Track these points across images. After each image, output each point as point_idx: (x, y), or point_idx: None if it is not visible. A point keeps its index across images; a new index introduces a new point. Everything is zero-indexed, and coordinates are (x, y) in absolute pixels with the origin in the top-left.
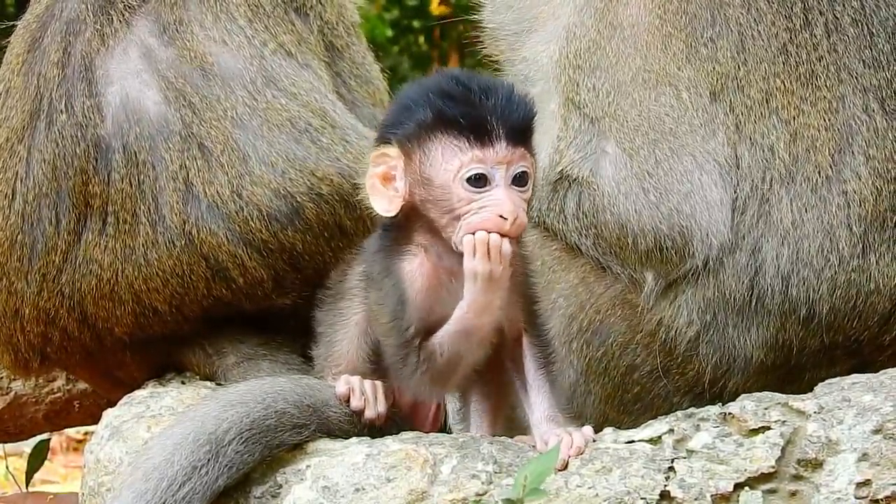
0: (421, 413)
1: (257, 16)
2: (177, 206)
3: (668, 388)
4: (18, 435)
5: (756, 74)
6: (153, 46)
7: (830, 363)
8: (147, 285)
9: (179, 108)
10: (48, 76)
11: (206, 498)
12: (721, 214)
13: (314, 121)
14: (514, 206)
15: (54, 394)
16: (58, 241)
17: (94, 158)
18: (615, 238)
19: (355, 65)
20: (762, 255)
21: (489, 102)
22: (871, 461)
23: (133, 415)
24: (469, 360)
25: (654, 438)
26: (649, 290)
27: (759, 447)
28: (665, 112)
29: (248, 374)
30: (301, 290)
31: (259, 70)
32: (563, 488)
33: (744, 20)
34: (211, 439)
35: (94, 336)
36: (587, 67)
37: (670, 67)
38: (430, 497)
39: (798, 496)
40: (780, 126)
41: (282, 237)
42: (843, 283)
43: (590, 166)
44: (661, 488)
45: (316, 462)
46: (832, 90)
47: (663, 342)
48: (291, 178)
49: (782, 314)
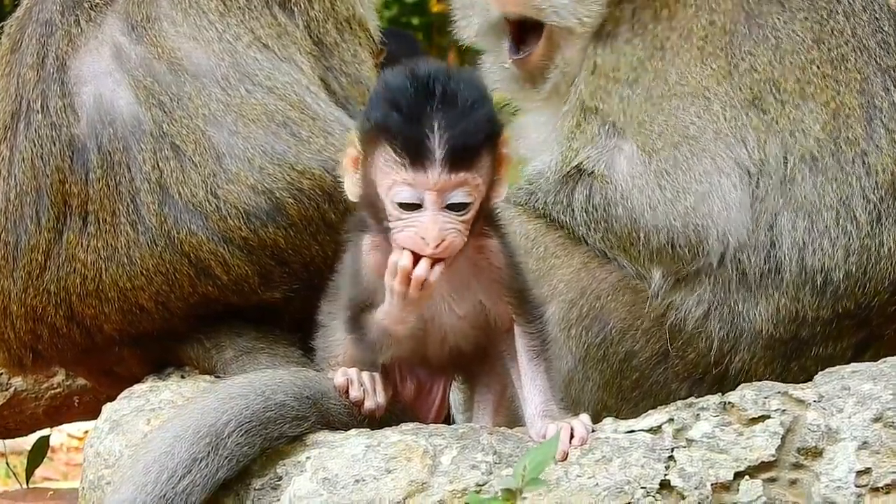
0: (424, 404)
1: (230, 10)
2: (154, 206)
3: (667, 374)
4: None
5: (792, 68)
6: (123, 45)
7: (838, 336)
8: (132, 283)
9: (150, 107)
10: (26, 77)
11: (207, 490)
12: (741, 215)
13: (293, 114)
14: (440, 232)
15: (54, 389)
16: (39, 240)
17: (69, 158)
18: (626, 233)
19: (345, 62)
20: (778, 228)
21: (437, 121)
22: (871, 449)
23: (133, 408)
24: (399, 342)
25: (654, 428)
26: (657, 286)
27: (759, 436)
28: (691, 120)
29: (246, 367)
30: (290, 284)
31: (232, 65)
32: (563, 478)
33: (780, 23)
34: (211, 432)
35: (83, 333)
36: (625, 81)
37: (708, 83)
38: (430, 488)
39: (798, 485)
40: (816, 109)
41: (263, 234)
42: (857, 248)
43: (605, 162)
44: (661, 478)
45: (316, 454)
46: (861, 71)
47: (672, 324)
48: (270, 174)
49: (797, 284)
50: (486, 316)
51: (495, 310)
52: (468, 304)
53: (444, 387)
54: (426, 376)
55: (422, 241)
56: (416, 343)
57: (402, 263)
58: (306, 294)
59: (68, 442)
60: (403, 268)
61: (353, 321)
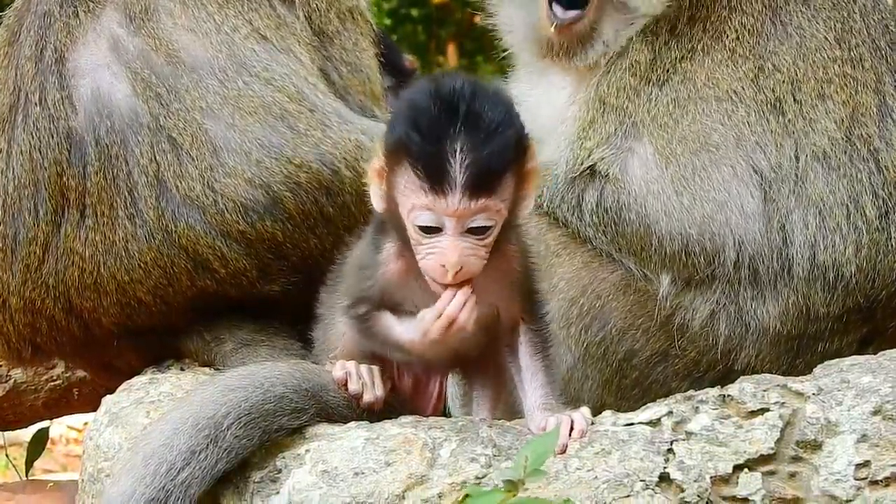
0: (422, 398)
1: (229, 1)
2: (151, 200)
3: (667, 373)
4: (18, 423)
5: (814, 68)
6: (121, 37)
7: (844, 331)
8: (130, 277)
9: (147, 100)
10: (24, 70)
11: (206, 483)
12: (757, 223)
13: (291, 106)
14: (459, 258)
15: (53, 381)
16: (38, 232)
17: (67, 151)
18: (637, 238)
19: (346, 51)
20: (791, 226)
21: (459, 145)
22: (871, 442)
23: (132, 401)
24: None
25: (654, 421)
26: (665, 290)
27: (759, 429)
28: (714, 127)
29: (246, 359)
30: (289, 277)
31: (229, 57)
32: (563, 471)
33: (805, 21)
34: (210, 424)
35: (82, 326)
36: (656, 81)
37: (736, 86)
38: (429, 480)
39: (797, 478)
40: (833, 108)
41: (260, 228)
42: (867, 243)
43: (619, 164)
44: (660, 470)
45: (315, 446)
46: (876, 70)
47: (678, 324)
48: (267, 167)
49: (808, 280)
50: (495, 317)
51: (507, 311)
52: (482, 308)
53: (440, 381)
54: (423, 371)
55: (442, 268)
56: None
57: (440, 325)
58: (305, 287)
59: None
60: (443, 325)
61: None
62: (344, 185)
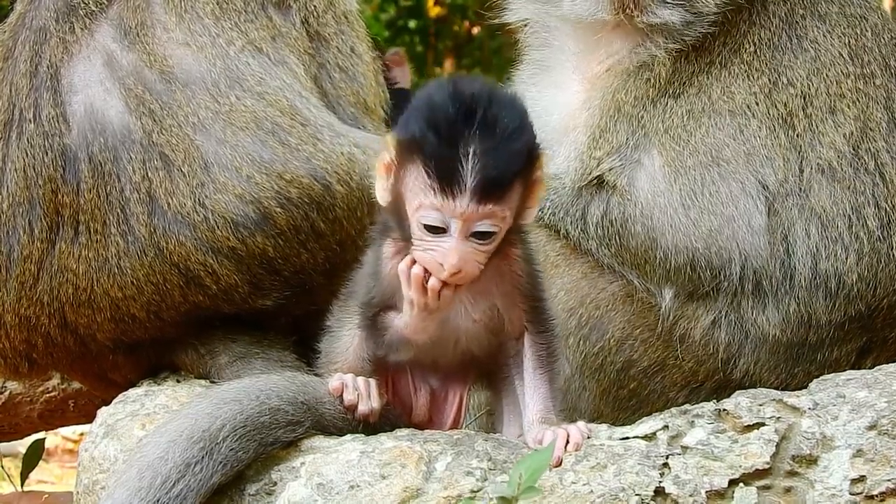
0: (440, 413)
1: (226, 13)
2: (143, 217)
3: (665, 383)
4: (13, 434)
5: (827, 82)
6: (115, 52)
7: (844, 339)
8: (123, 293)
9: (140, 116)
10: (18, 86)
11: (201, 495)
12: (763, 238)
13: (282, 120)
14: (459, 261)
15: (49, 393)
16: (32, 250)
17: (61, 168)
18: (642, 251)
19: (341, 55)
20: (793, 237)
21: (473, 148)
22: (866, 457)
23: (128, 413)
24: (417, 346)
25: (649, 435)
26: (668, 303)
27: (754, 443)
28: (726, 141)
29: (241, 372)
30: (282, 291)
31: (223, 71)
32: (558, 485)
33: (820, 36)
34: (205, 436)
35: (77, 341)
36: (672, 92)
37: (750, 100)
38: (424, 494)
39: (793, 492)
40: (843, 122)
41: (251, 244)
42: (868, 252)
43: (627, 176)
44: (655, 485)
45: (310, 459)
46: (886, 87)
47: (679, 335)
48: (257, 183)
49: (810, 289)
50: (499, 321)
51: (509, 315)
52: (483, 308)
53: (460, 394)
54: (439, 384)
55: (439, 265)
56: (430, 345)
57: (415, 272)
58: (298, 300)
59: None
60: (416, 276)
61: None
62: (335, 199)
